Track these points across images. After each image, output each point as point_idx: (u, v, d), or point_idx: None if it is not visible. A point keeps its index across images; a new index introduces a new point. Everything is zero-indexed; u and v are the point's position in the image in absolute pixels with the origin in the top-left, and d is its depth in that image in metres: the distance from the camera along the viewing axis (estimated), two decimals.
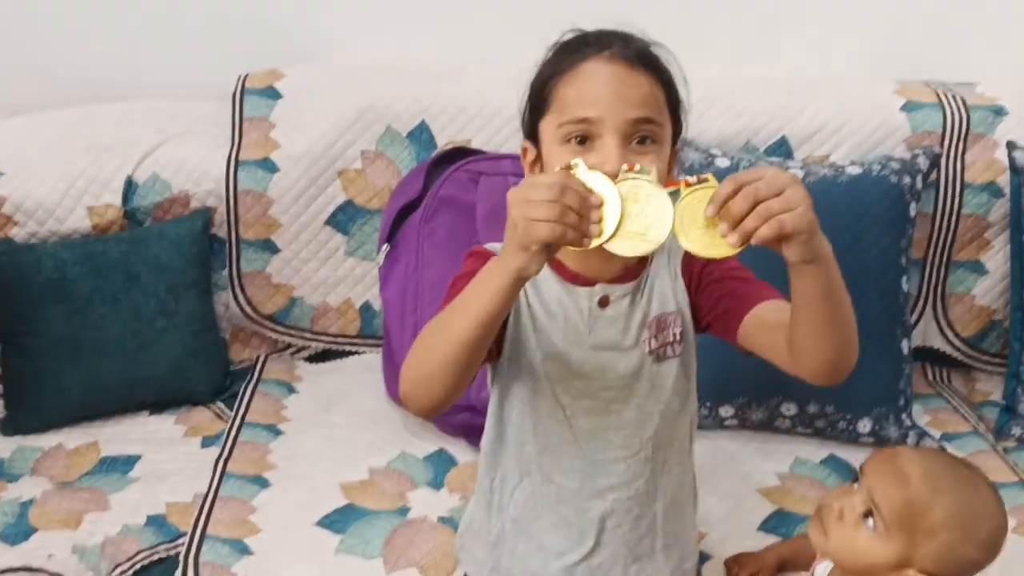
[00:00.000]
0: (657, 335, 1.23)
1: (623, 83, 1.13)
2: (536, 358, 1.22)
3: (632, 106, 1.13)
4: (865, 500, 1.23)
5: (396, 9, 2.09)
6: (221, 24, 2.09)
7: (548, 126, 1.17)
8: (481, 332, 1.05)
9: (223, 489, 1.61)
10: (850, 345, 1.09)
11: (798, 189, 0.98)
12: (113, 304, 1.77)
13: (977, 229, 1.96)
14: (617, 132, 1.12)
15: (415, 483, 1.64)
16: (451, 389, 1.09)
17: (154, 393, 1.81)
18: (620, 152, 1.11)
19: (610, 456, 1.26)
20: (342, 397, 1.87)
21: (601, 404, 1.24)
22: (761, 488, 1.66)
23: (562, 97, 1.15)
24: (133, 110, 2.02)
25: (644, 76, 1.15)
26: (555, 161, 1.14)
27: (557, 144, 1.15)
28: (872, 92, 1.98)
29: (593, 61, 1.15)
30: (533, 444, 1.27)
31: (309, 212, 1.95)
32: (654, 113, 1.14)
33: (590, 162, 1.06)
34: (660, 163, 1.14)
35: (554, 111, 1.16)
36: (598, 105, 1.12)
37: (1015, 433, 1.86)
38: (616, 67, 1.14)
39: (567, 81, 1.15)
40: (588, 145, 1.13)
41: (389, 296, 1.82)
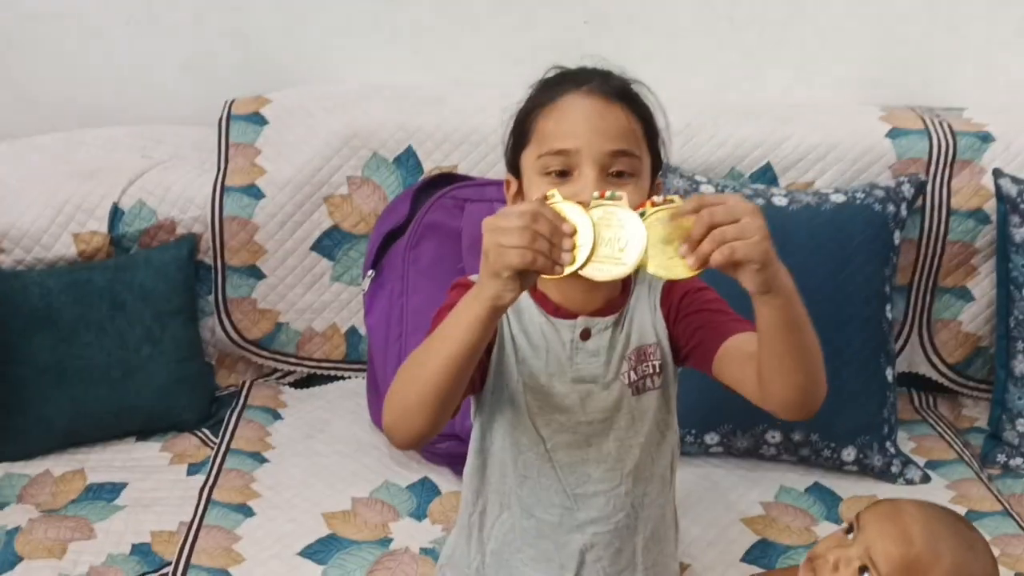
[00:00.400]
0: (636, 367, 1.24)
1: (600, 116, 1.16)
2: (518, 390, 1.23)
3: (609, 139, 1.15)
4: (862, 555, 1.21)
5: (382, 35, 2.10)
6: (208, 50, 2.10)
7: (528, 158, 1.20)
8: (460, 363, 1.05)
9: (208, 517, 1.61)
10: (815, 379, 1.09)
11: (755, 219, 0.98)
12: (99, 332, 1.76)
13: (963, 256, 1.96)
14: (594, 164, 1.14)
15: (398, 513, 1.64)
16: (433, 421, 1.09)
17: (140, 420, 1.81)
18: (597, 183, 1.13)
19: (590, 490, 1.26)
20: (326, 424, 1.87)
21: (581, 437, 1.24)
22: (745, 517, 1.66)
23: (541, 130, 1.18)
24: (119, 136, 2.02)
25: (621, 110, 1.17)
26: (535, 193, 1.16)
27: (536, 176, 1.18)
28: (857, 118, 1.99)
29: (572, 95, 1.17)
30: (513, 477, 1.27)
31: (295, 238, 1.95)
32: (631, 146, 1.16)
33: (567, 193, 1.08)
34: (639, 195, 1.15)
35: (533, 143, 1.19)
36: (576, 137, 1.15)
37: (1000, 460, 1.86)
38: (594, 100, 1.17)
39: (546, 114, 1.18)
40: (567, 178, 1.15)
41: (373, 323, 1.82)
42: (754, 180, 1.93)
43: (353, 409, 1.91)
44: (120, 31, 2.09)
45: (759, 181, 1.93)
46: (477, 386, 1.23)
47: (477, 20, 2.10)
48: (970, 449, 1.89)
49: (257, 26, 2.09)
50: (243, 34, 2.09)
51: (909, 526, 1.22)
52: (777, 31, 2.11)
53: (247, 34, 2.09)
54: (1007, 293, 1.88)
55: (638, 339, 1.24)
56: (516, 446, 1.25)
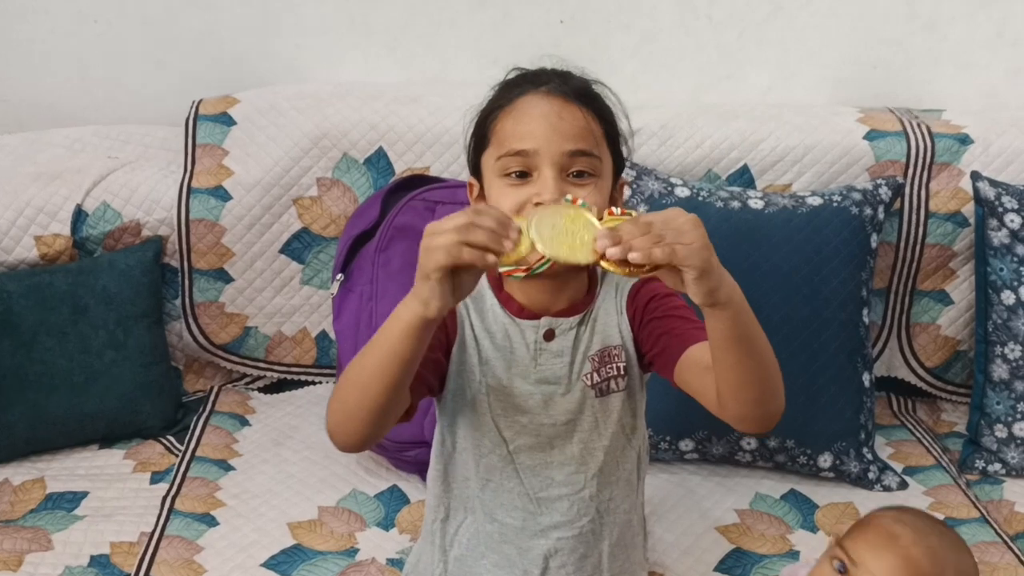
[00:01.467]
0: (599, 369, 1.22)
1: (558, 116, 1.16)
2: (480, 391, 1.22)
3: (567, 139, 1.15)
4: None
5: (353, 34, 2.07)
6: (175, 49, 2.06)
7: (488, 160, 1.19)
8: (393, 373, 1.03)
9: (170, 527, 1.57)
10: (769, 394, 1.07)
11: (696, 228, 0.98)
12: (60, 337, 1.73)
13: (942, 259, 1.94)
14: (553, 164, 1.14)
15: (365, 522, 1.60)
16: (374, 426, 1.08)
17: (103, 427, 1.77)
18: (556, 184, 1.14)
19: (553, 493, 1.25)
20: (294, 430, 1.84)
21: (544, 440, 1.23)
22: (719, 525, 1.64)
23: (499, 131, 1.18)
24: (85, 136, 1.98)
25: (579, 110, 1.17)
26: (496, 194, 1.17)
27: (496, 177, 1.18)
28: (835, 120, 1.96)
29: (530, 95, 1.18)
30: (476, 480, 1.25)
31: (263, 240, 1.91)
32: (590, 146, 1.16)
33: (528, 194, 1.12)
34: (599, 195, 1.16)
35: (493, 145, 1.19)
36: (534, 138, 1.15)
37: (978, 466, 1.84)
38: (552, 101, 1.17)
39: (504, 116, 1.18)
40: (526, 179, 1.16)
41: (342, 328, 1.78)
42: (731, 182, 1.91)
43: (322, 415, 1.78)
44: (88, 29, 2.06)
45: (736, 183, 1.91)
46: (437, 389, 1.22)
47: (453, 19, 2.07)
48: (948, 455, 1.88)
49: (227, 24, 2.06)
50: (213, 32, 2.06)
51: (909, 551, 1.20)
52: (756, 31, 2.09)
53: (217, 32, 2.06)
54: (985, 297, 1.86)
55: (602, 340, 1.23)
56: (478, 448, 1.24)
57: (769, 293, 1.71)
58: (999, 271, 1.84)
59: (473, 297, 1.22)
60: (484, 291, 1.24)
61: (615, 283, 1.25)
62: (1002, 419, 1.83)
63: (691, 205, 1.77)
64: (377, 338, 1.04)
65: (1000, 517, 1.71)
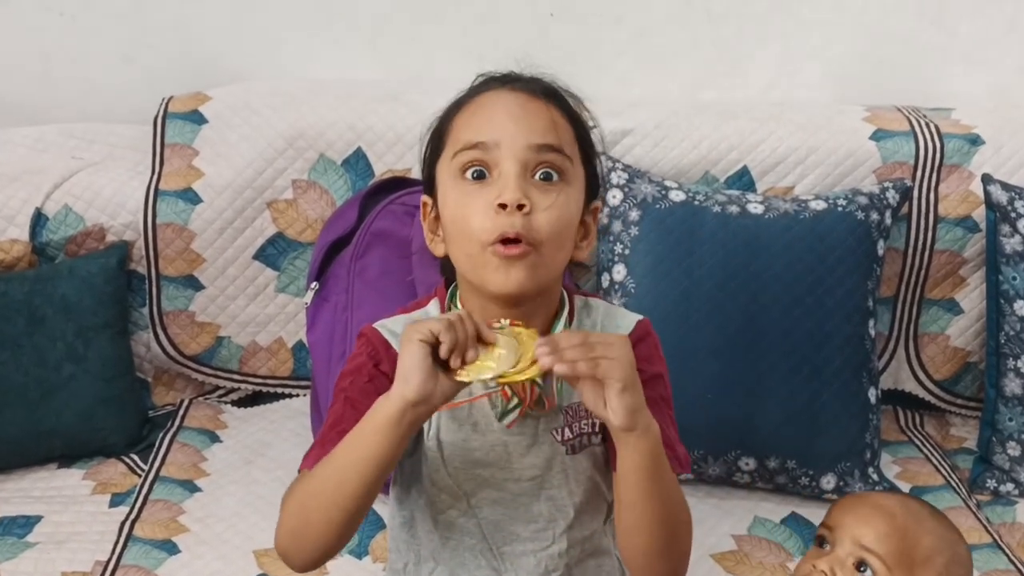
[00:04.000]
0: (572, 424, 1.11)
1: (522, 108, 1.05)
2: (434, 443, 1.11)
3: (533, 131, 1.03)
4: (852, 550, 1.20)
5: (330, 30, 1.98)
6: (144, 43, 1.97)
7: (444, 164, 1.07)
8: (368, 474, 0.98)
9: (127, 556, 1.47)
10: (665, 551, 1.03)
11: (624, 345, 0.97)
12: (14, 349, 1.63)
13: (951, 266, 1.86)
14: (516, 159, 1.02)
15: None
16: (341, 538, 1.02)
17: (61, 445, 1.68)
18: (519, 183, 1.02)
19: (518, 549, 1.14)
20: (267, 447, 1.75)
21: (508, 495, 1.12)
22: (715, 552, 1.55)
23: (456, 129, 1.07)
24: (49, 135, 1.88)
25: (547, 105, 1.05)
26: (452, 202, 1.05)
27: (451, 179, 1.05)
28: (840, 119, 1.88)
29: (492, 91, 1.07)
30: (436, 534, 1.15)
31: (236, 246, 1.82)
32: (557, 140, 1.04)
33: (488, 197, 1.01)
34: (570, 206, 1.04)
35: (449, 146, 1.07)
36: (493, 129, 1.03)
37: (990, 486, 1.76)
38: (516, 95, 1.06)
39: (462, 114, 1.07)
40: (485, 180, 1.03)
41: (315, 339, 1.69)
42: (730, 184, 1.82)
43: (298, 430, 1.79)
44: (52, 22, 1.96)
45: (735, 185, 1.82)
46: None
47: (436, 13, 1.99)
48: (958, 473, 1.79)
49: (199, 18, 1.97)
50: (183, 26, 1.97)
51: (881, 502, 1.25)
52: (756, 26, 2.01)
53: (188, 26, 1.97)
54: (997, 307, 1.77)
55: (576, 394, 1.10)
56: (435, 504, 1.13)
57: (769, 305, 1.62)
58: (1012, 279, 1.75)
59: None
60: None
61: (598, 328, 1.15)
62: (1015, 436, 1.74)
63: (687, 210, 1.68)
64: (348, 439, 0.99)
65: (1013, 542, 1.63)
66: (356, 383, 1.09)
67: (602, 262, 1.72)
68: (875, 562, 1.19)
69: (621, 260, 1.68)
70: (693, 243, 1.66)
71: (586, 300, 1.17)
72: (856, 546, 1.20)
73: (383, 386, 1.03)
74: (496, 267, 1.03)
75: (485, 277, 1.04)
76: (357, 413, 1.03)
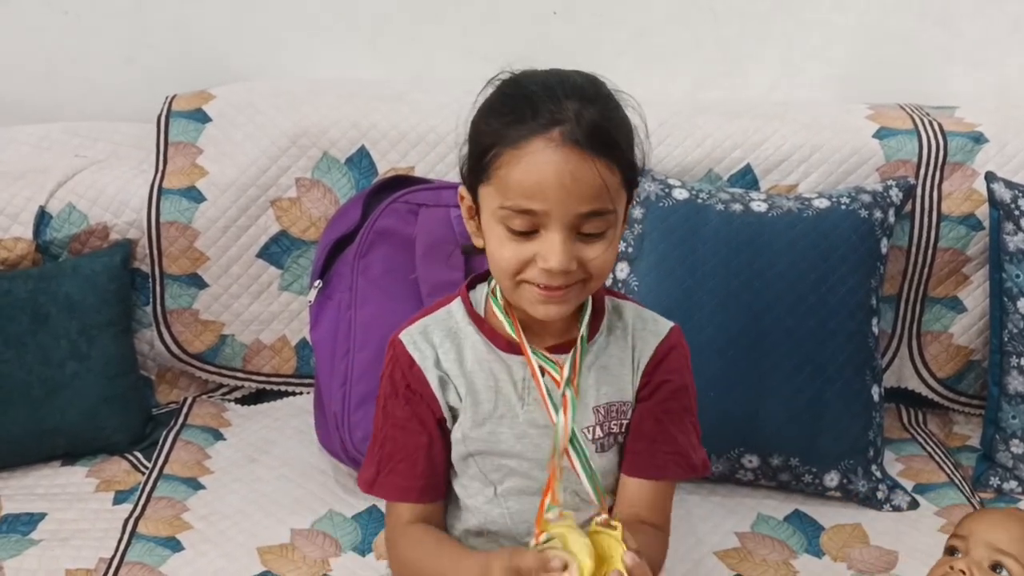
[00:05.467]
0: (604, 423, 1.14)
1: (573, 176, 1.01)
2: (463, 432, 1.14)
3: (583, 200, 1.02)
4: (987, 555, 1.25)
5: (334, 29, 1.98)
6: (148, 42, 1.97)
7: (488, 198, 1.06)
8: None
9: (131, 553, 1.47)
10: None
11: None
12: (18, 347, 1.63)
13: (955, 264, 1.85)
14: (564, 227, 1.02)
15: (340, 547, 1.51)
16: None
17: (65, 443, 1.67)
18: (565, 248, 1.02)
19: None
20: (271, 445, 1.74)
21: (534, 484, 1.14)
22: (718, 550, 1.54)
23: (504, 177, 1.03)
24: (53, 134, 1.89)
25: (596, 163, 1.01)
26: (496, 243, 1.06)
27: (496, 223, 1.05)
28: (843, 117, 1.88)
29: (541, 141, 1.01)
30: (461, 524, 1.18)
31: (239, 244, 1.82)
32: (606, 203, 1.03)
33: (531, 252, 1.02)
34: (613, 243, 1.06)
35: (495, 186, 1.04)
36: (545, 198, 1.01)
37: (993, 483, 1.75)
38: (567, 155, 1.00)
39: (510, 160, 1.02)
40: (531, 237, 1.03)
41: (319, 338, 1.69)
42: (733, 183, 1.82)
43: (301, 428, 1.78)
44: (56, 22, 1.96)
45: (739, 184, 1.81)
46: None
47: (437, 12, 1.98)
48: (961, 470, 1.78)
49: (202, 17, 1.97)
50: (187, 25, 1.97)
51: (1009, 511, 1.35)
52: (760, 25, 2.00)
53: (191, 25, 1.97)
54: (1000, 305, 1.77)
55: (612, 394, 1.15)
56: (464, 490, 1.17)
57: (773, 303, 1.62)
58: (1015, 277, 1.75)
59: (450, 338, 1.15)
60: (461, 330, 1.15)
61: (628, 332, 1.16)
62: (1018, 434, 1.74)
63: (690, 208, 1.68)
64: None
65: None
66: (397, 406, 1.14)
67: None
68: (1011, 563, 1.23)
69: (624, 258, 1.68)
70: (696, 241, 1.66)
71: (615, 302, 1.19)
72: (991, 550, 1.25)
73: (420, 408, 1.13)
74: (535, 300, 1.05)
75: (523, 304, 1.07)
76: (406, 434, 1.14)
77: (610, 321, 1.16)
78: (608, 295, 1.19)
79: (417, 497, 1.15)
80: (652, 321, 1.19)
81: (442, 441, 1.15)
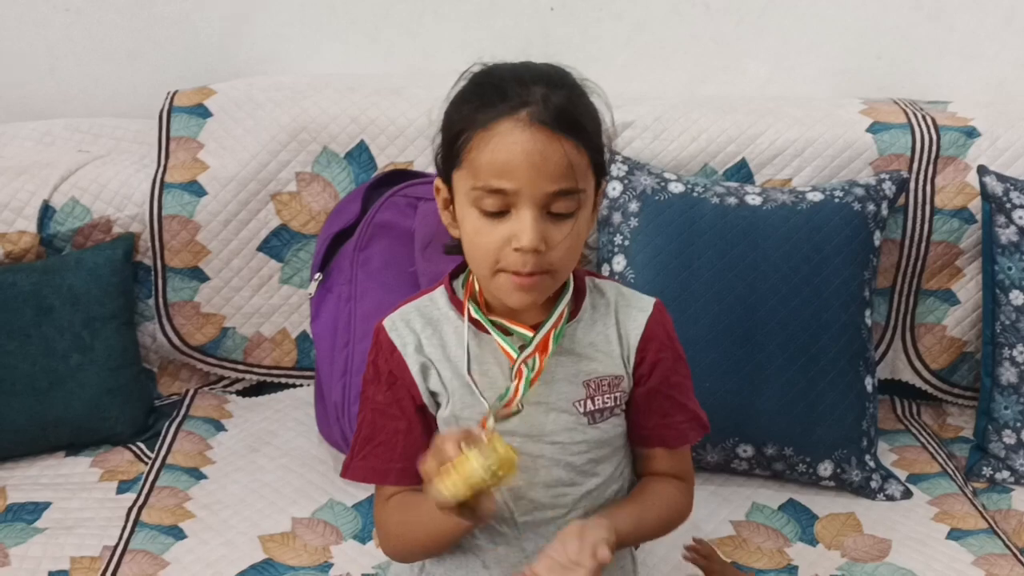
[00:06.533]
0: (594, 396, 1.16)
1: (542, 154, 1.04)
2: (452, 411, 1.16)
3: (551, 179, 1.05)
4: None
5: (333, 24, 2.00)
6: (150, 38, 1.99)
7: (460, 182, 1.09)
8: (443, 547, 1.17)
9: (134, 541, 1.49)
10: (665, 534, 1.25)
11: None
12: (23, 340, 1.65)
13: (948, 257, 1.87)
14: (534, 205, 1.05)
15: (341, 535, 1.53)
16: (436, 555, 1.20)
17: (68, 434, 1.69)
18: (536, 225, 1.05)
19: (538, 517, 1.18)
20: (272, 436, 1.76)
21: (528, 459, 1.15)
22: (714, 539, 1.56)
23: (475, 159, 1.06)
24: (56, 129, 1.91)
25: (566, 143, 1.05)
26: (470, 227, 1.09)
27: (469, 205, 1.08)
28: (837, 112, 1.89)
29: (510, 122, 1.04)
30: None
31: (240, 238, 1.84)
32: (573, 183, 1.06)
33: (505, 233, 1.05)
34: (581, 227, 1.09)
35: (467, 169, 1.07)
36: (514, 177, 1.04)
37: (986, 474, 1.76)
38: (535, 134, 1.04)
39: (480, 141, 1.05)
40: (503, 217, 1.06)
41: (319, 330, 1.71)
42: (729, 176, 1.84)
43: (302, 419, 1.80)
44: (59, 18, 1.98)
45: (733, 178, 1.83)
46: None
47: (436, 7, 2.00)
48: (954, 461, 1.80)
49: (203, 13, 1.99)
50: (188, 21, 1.99)
51: None
52: (754, 20, 2.02)
53: (193, 22, 1.99)
54: (992, 297, 1.79)
55: (600, 369, 1.17)
56: None
57: (767, 295, 1.64)
58: (1007, 270, 1.76)
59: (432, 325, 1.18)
60: (444, 315, 1.18)
61: (612, 309, 1.19)
62: (1010, 424, 1.75)
63: (686, 201, 1.70)
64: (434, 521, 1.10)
65: (1008, 528, 1.63)
66: (378, 391, 1.17)
67: (602, 253, 1.74)
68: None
69: (621, 251, 1.70)
70: (692, 234, 1.68)
71: (596, 282, 1.21)
72: None
73: (401, 392, 1.15)
74: (510, 289, 1.08)
75: (498, 293, 1.10)
76: (385, 418, 1.17)
77: (593, 299, 1.19)
78: (588, 275, 1.22)
79: (395, 479, 1.18)
80: (635, 298, 1.21)
81: (422, 426, 1.17)
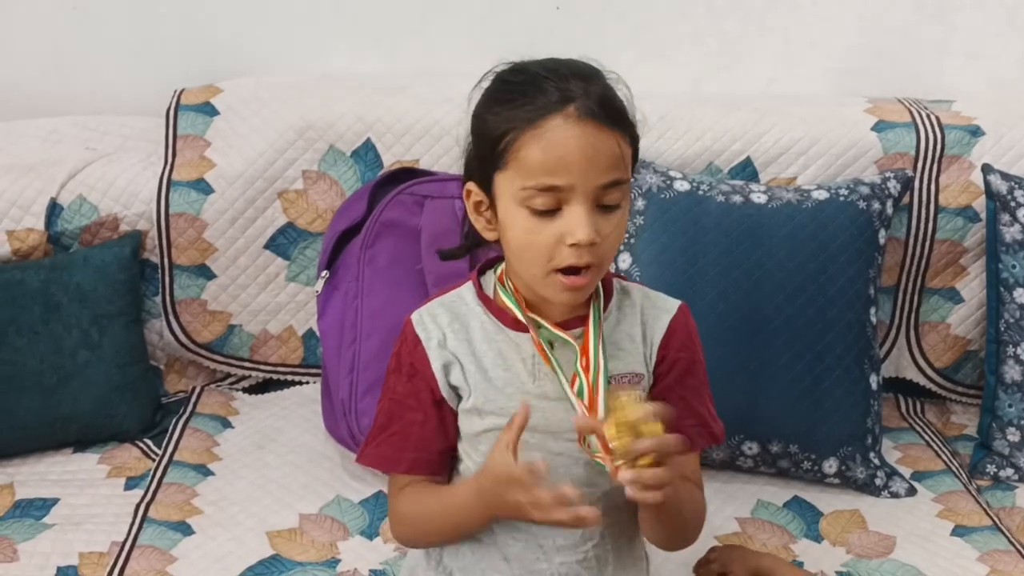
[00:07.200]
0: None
1: (594, 148, 1.05)
2: (475, 405, 1.16)
3: (603, 171, 1.06)
4: None
5: (340, 22, 2.00)
6: (157, 36, 1.99)
7: (505, 182, 1.09)
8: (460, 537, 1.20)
9: (142, 537, 1.50)
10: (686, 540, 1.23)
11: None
12: (31, 336, 1.65)
13: (952, 255, 1.88)
14: (587, 198, 1.06)
15: (348, 531, 1.53)
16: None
17: (76, 431, 1.70)
18: (590, 219, 1.06)
19: None
20: (279, 433, 1.77)
21: (549, 455, 1.15)
22: (719, 535, 1.57)
23: (524, 158, 1.06)
24: (63, 127, 1.91)
25: (613, 135, 1.06)
26: (515, 223, 1.08)
27: (516, 205, 1.08)
28: (842, 111, 1.90)
29: (559, 119, 1.04)
30: None
31: (247, 235, 1.84)
32: (622, 174, 1.08)
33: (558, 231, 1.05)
34: (625, 218, 1.11)
35: (514, 169, 1.07)
36: (568, 172, 1.05)
37: (990, 471, 1.77)
38: (585, 129, 1.04)
39: (529, 140, 1.05)
40: (554, 215, 1.07)
41: (326, 328, 1.71)
42: (733, 175, 1.84)
43: (309, 417, 1.81)
44: (66, 16, 1.99)
45: (738, 176, 1.84)
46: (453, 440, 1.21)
47: (442, 6, 2.01)
48: (959, 459, 1.81)
49: (210, 11, 1.99)
50: (195, 20, 1.99)
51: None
52: (759, 19, 2.02)
53: (199, 20, 1.99)
54: (997, 295, 1.79)
55: (625, 366, 1.17)
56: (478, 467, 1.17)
57: (772, 293, 1.64)
58: (1011, 268, 1.77)
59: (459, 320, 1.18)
60: (471, 311, 1.18)
61: (637, 310, 1.20)
62: (1014, 422, 1.76)
63: (691, 199, 1.71)
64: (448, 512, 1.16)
65: (1013, 525, 1.64)
66: (399, 381, 1.18)
67: None
68: None
69: (626, 249, 1.71)
70: (697, 232, 1.69)
71: (623, 284, 1.22)
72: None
73: (420, 385, 1.16)
74: (560, 289, 1.09)
75: (546, 293, 1.11)
76: (402, 408, 1.18)
77: (619, 299, 1.20)
78: (615, 277, 1.22)
79: (407, 468, 1.19)
80: (660, 299, 1.23)
81: (437, 419, 1.17)
